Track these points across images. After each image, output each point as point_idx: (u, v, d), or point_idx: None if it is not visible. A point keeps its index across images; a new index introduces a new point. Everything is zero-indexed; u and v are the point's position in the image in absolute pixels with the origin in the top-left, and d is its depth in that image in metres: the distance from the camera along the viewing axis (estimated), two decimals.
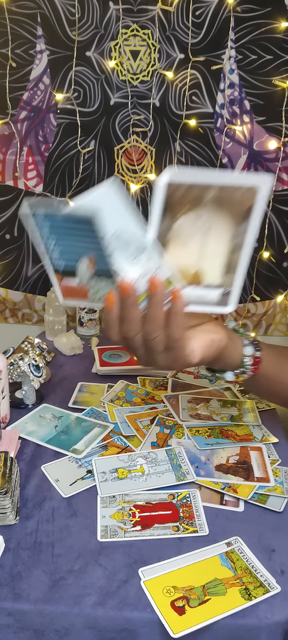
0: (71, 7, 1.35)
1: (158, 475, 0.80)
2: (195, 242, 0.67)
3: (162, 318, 0.66)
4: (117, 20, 1.35)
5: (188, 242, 0.67)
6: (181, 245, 0.67)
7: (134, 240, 0.63)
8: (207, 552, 0.67)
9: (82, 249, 0.65)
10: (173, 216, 0.65)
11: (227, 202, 0.64)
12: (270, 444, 0.88)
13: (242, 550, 0.67)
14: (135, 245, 0.63)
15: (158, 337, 0.67)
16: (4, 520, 0.71)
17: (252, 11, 1.32)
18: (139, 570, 0.64)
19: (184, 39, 1.35)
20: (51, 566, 0.65)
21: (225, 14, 1.33)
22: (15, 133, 1.43)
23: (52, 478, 0.81)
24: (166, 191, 0.63)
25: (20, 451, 0.87)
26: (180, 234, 0.66)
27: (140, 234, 0.63)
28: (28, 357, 1.04)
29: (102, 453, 0.86)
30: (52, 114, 1.42)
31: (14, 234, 1.50)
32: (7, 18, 1.35)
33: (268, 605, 0.60)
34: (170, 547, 0.68)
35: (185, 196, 0.64)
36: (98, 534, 0.70)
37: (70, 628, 0.60)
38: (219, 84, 1.38)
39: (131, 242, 0.63)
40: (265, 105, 1.38)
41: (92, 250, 0.64)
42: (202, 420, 0.95)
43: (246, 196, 0.64)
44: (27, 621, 0.60)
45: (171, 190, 0.63)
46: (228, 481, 0.79)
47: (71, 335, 1.31)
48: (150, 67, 1.37)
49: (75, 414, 0.98)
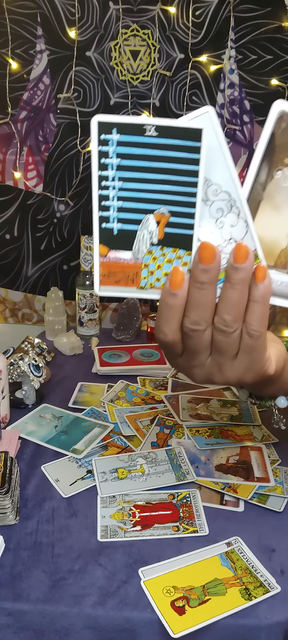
0: (71, 7, 1.35)
1: (158, 475, 0.80)
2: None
3: (245, 303, 0.51)
4: (117, 20, 1.35)
5: (281, 208, 0.53)
6: (272, 210, 0.53)
7: (221, 195, 0.49)
8: (207, 552, 0.67)
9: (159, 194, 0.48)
10: (274, 166, 0.52)
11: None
12: (270, 444, 0.88)
13: (242, 550, 0.67)
14: (222, 202, 0.49)
15: (236, 331, 0.51)
16: (4, 520, 0.71)
17: (252, 11, 1.32)
18: (139, 570, 0.64)
19: (184, 39, 1.35)
20: (51, 566, 0.65)
21: (225, 14, 1.33)
22: (15, 133, 1.43)
23: (52, 478, 0.81)
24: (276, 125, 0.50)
25: (20, 451, 0.87)
26: (276, 193, 0.52)
27: (230, 188, 0.49)
28: (28, 357, 1.04)
29: (102, 453, 0.86)
30: (52, 114, 1.42)
31: (14, 234, 1.50)
32: (7, 18, 1.35)
33: (268, 605, 0.60)
34: (170, 547, 0.68)
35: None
36: (98, 534, 0.70)
37: (70, 628, 0.60)
38: (219, 84, 1.38)
39: (217, 196, 0.49)
40: (265, 105, 1.38)
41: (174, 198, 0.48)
42: (202, 420, 0.95)
43: None
44: (27, 621, 0.60)
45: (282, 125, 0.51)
46: (228, 481, 0.79)
47: (71, 335, 1.31)
48: (150, 67, 1.37)
49: (75, 414, 0.98)
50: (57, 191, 1.47)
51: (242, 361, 0.53)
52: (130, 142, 0.47)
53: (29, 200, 1.47)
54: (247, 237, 0.50)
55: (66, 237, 1.49)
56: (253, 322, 0.51)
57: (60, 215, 1.48)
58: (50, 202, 1.47)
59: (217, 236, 0.50)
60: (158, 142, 0.46)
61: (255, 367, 0.54)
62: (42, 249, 1.51)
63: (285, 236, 0.53)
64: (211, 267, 0.48)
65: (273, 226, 0.53)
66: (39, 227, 1.49)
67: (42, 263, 1.52)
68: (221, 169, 0.48)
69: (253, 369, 0.54)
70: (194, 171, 0.46)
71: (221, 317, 0.50)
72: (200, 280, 0.49)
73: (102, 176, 0.49)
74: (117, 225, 0.51)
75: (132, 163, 0.48)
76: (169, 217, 0.49)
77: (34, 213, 1.48)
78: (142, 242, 0.51)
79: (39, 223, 1.49)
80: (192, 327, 0.51)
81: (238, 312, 0.50)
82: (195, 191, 0.47)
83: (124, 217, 0.50)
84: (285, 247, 0.53)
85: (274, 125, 0.50)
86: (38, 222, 1.49)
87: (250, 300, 0.50)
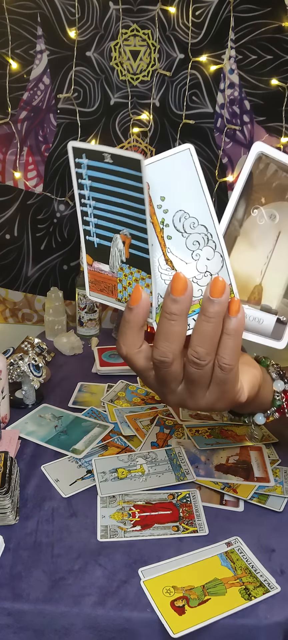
0: (71, 7, 1.35)
1: (158, 475, 0.80)
2: (264, 246, 0.54)
3: (218, 337, 0.51)
4: (117, 20, 1.35)
5: (257, 245, 0.54)
6: (248, 247, 0.54)
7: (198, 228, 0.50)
8: (206, 552, 0.67)
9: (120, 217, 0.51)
10: (251, 204, 0.53)
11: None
12: (270, 444, 0.88)
13: (242, 550, 0.67)
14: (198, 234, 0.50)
15: (209, 364, 0.52)
16: (4, 520, 0.71)
17: (252, 11, 1.32)
18: (138, 570, 0.64)
19: (184, 39, 1.35)
20: (51, 566, 0.65)
21: (225, 14, 1.33)
22: (15, 133, 1.43)
23: (52, 478, 0.81)
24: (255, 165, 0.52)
25: (20, 451, 0.87)
26: (252, 230, 0.54)
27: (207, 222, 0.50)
28: (28, 357, 1.04)
29: (102, 453, 0.86)
30: (52, 114, 1.42)
31: (14, 234, 1.50)
32: (7, 18, 1.35)
33: (268, 605, 0.60)
34: (170, 547, 0.68)
35: (270, 181, 0.53)
36: (98, 534, 0.70)
37: (70, 628, 0.60)
38: (219, 84, 1.38)
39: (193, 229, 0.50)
40: (265, 105, 1.38)
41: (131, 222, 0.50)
42: (202, 420, 0.95)
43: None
44: (27, 621, 0.60)
45: (260, 166, 0.52)
46: (228, 481, 0.79)
47: (71, 335, 1.31)
48: (150, 67, 1.37)
49: (75, 414, 0.98)
50: (57, 191, 1.47)
51: (213, 392, 0.54)
52: (96, 167, 0.50)
53: (29, 200, 1.47)
54: (222, 271, 0.51)
55: (66, 237, 1.49)
56: (225, 355, 0.51)
57: (60, 215, 1.48)
58: (50, 202, 1.47)
59: (192, 268, 0.51)
60: (113, 169, 0.48)
61: (226, 397, 0.54)
62: (42, 249, 1.51)
63: (258, 273, 0.54)
64: (182, 298, 0.49)
65: (248, 262, 0.54)
66: (39, 227, 1.49)
67: (42, 263, 1.52)
68: (199, 203, 0.49)
69: (225, 399, 0.54)
70: (141, 199, 0.47)
71: (194, 349, 0.51)
72: (170, 311, 0.50)
73: (80, 194, 0.52)
74: (96, 239, 0.54)
75: (99, 186, 0.50)
76: (130, 240, 0.51)
77: (34, 213, 1.48)
78: (114, 258, 0.53)
79: (39, 223, 1.49)
80: (159, 359, 0.52)
81: (211, 345, 0.51)
82: (144, 218, 0.48)
83: (100, 233, 0.53)
84: (258, 283, 0.55)
85: (252, 165, 0.52)
86: (38, 222, 1.49)
87: (224, 333, 0.51)
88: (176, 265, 0.51)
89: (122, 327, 0.53)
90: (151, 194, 0.49)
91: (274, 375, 0.67)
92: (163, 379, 0.54)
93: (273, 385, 0.67)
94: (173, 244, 0.50)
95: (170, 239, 0.50)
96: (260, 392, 0.62)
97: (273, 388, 0.67)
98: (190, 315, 0.52)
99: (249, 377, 0.58)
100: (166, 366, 0.52)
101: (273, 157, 0.52)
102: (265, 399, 0.66)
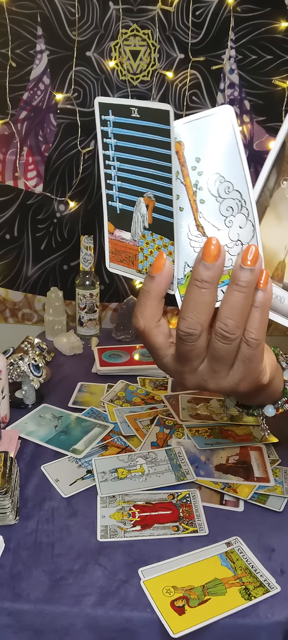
0: (71, 7, 1.35)
1: (158, 475, 0.80)
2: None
3: (248, 310, 0.48)
4: (117, 20, 1.35)
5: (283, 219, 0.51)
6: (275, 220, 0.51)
7: (232, 194, 0.47)
8: (206, 552, 0.67)
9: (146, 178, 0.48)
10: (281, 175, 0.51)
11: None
12: (270, 444, 0.88)
13: (242, 550, 0.67)
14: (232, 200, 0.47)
15: (237, 338, 0.49)
16: (4, 520, 0.71)
17: (252, 11, 1.32)
18: (138, 570, 0.64)
19: (184, 39, 1.35)
20: (51, 566, 0.65)
21: (225, 14, 1.33)
22: (15, 133, 1.43)
23: (52, 478, 0.81)
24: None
25: (20, 451, 0.87)
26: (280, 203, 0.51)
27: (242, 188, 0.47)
28: (28, 357, 1.04)
29: (102, 453, 0.86)
30: (52, 114, 1.42)
31: (14, 234, 1.50)
32: (7, 18, 1.35)
33: (268, 605, 0.60)
34: (170, 547, 0.68)
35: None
36: (98, 533, 0.70)
37: (70, 628, 0.60)
38: (219, 84, 1.38)
39: (228, 194, 0.47)
40: (265, 105, 1.38)
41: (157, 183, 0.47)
42: (202, 420, 0.95)
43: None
44: (27, 621, 0.60)
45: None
46: (228, 481, 0.79)
47: (71, 335, 1.31)
48: (150, 67, 1.37)
49: (75, 414, 0.98)
50: (57, 191, 1.47)
51: (238, 370, 0.51)
52: (122, 123, 0.47)
53: (29, 200, 1.47)
54: (252, 241, 0.48)
55: (66, 237, 1.49)
56: (253, 329, 0.48)
57: (60, 215, 1.48)
58: (50, 202, 1.47)
59: (224, 235, 0.48)
60: (140, 124, 0.46)
61: (251, 377, 0.52)
62: (42, 249, 1.51)
63: (283, 248, 0.52)
64: (215, 265, 0.46)
65: (274, 236, 0.52)
66: (39, 227, 1.49)
67: (42, 263, 1.52)
68: (235, 167, 0.46)
69: (249, 378, 0.52)
70: (169, 156, 0.44)
71: (223, 321, 0.48)
72: (201, 278, 0.47)
73: (105, 155, 0.49)
74: (119, 204, 0.51)
75: (125, 144, 0.47)
76: (155, 202, 0.48)
77: (34, 213, 1.48)
78: (137, 224, 0.50)
79: (39, 223, 1.49)
80: (186, 330, 0.48)
81: (241, 318, 0.48)
82: (171, 177, 0.45)
83: (123, 197, 0.50)
84: (283, 259, 0.52)
85: (286, 135, 0.49)
86: (38, 222, 1.49)
87: (252, 306, 0.48)
88: (208, 231, 0.48)
89: (141, 298, 0.49)
90: (186, 155, 0.46)
91: (284, 365, 0.64)
92: (186, 355, 0.50)
93: (284, 374, 0.63)
94: (207, 209, 0.47)
95: (203, 203, 0.47)
96: (274, 380, 0.59)
97: (283, 377, 0.63)
98: (219, 287, 0.48)
99: (269, 360, 0.55)
100: (193, 339, 0.48)
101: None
102: (276, 388, 0.62)
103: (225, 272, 0.48)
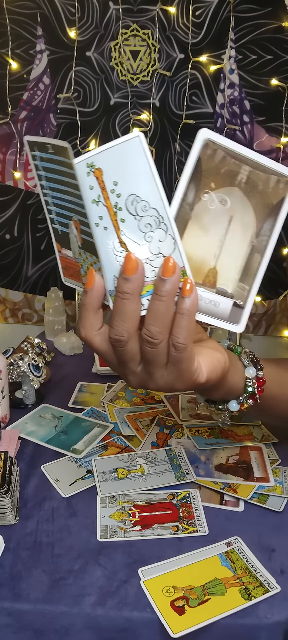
0: (71, 7, 1.35)
1: (158, 475, 0.80)
2: (217, 230, 0.55)
3: (171, 316, 0.53)
4: (117, 20, 1.35)
5: (209, 228, 0.55)
6: (200, 230, 0.55)
7: (150, 211, 0.52)
8: (206, 552, 0.67)
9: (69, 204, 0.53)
10: (201, 189, 0.54)
11: (259, 189, 0.55)
12: (270, 444, 0.88)
13: (242, 550, 0.67)
14: (150, 217, 0.52)
15: (163, 343, 0.53)
16: (3, 520, 0.71)
17: (252, 11, 1.32)
18: (138, 570, 0.64)
19: (184, 39, 1.35)
20: (51, 566, 0.65)
21: (225, 14, 1.33)
22: (15, 133, 1.43)
23: (52, 478, 0.81)
24: (202, 151, 0.53)
25: (20, 451, 0.87)
26: (203, 214, 0.55)
27: (158, 205, 0.52)
28: (28, 357, 1.04)
29: (101, 453, 0.86)
30: (52, 114, 1.42)
31: (14, 234, 1.50)
32: (7, 18, 1.35)
33: (268, 605, 0.60)
34: (170, 547, 0.68)
35: (219, 167, 0.54)
36: (98, 533, 0.70)
37: (70, 628, 0.60)
38: (219, 84, 1.38)
39: (145, 212, 0.52)
40: (265, 105, 1.38)
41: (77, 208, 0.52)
42: (202, 420, 0.95)
43: (280, 187, 0.55)
44: (27, 621, 0.60)
45: (207, 152, 0.53)
46: (228, 481, 0.79)
47: (71, 335, 1.31)
48: (150, 67, 1.38)
49: (75, 414, 0.98)
50: None
51: (171, 371, 0.55)
52: (46, 158, 0.52)
53: (29, 200, 1.47)
54: (175, 253, 0.53)
55: None
56: (178, 335, 0.53)
57: None
58: None
59: (145, 250, 0.52)
60: (56, 158, 0.51)
61: (184, 377, 0.56)
62: (42, 249, 1.51)
63: (212, 256, 0.56)
64: (133, 277, 0.51)
65: (201, 245, 0.55)
66: (39, 227, 1.49)
67: (42, 263, 1.52)
68: (149, 187, 0.51)
69: (183, 378, 0.56)
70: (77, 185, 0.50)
71: (147, 327, 0.53)
72: (122, 290, 0.52)
73: (41, 185, 0.55)
74: (58, 226, 0.56)
75: (51, 175, 0.53)
76: (80, 225, 0.53)
77: (34, 213, 1.48)
78: (73, 244, 0.55)
79: (39, 223, 1.49)
80: (114, 337, 0.54)
81: (163, 324, 0.53)
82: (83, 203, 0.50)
83: (60, 220, 0.56)
84: (213, 266, 0.56)
85: (200, 152, 0.53)
86: (38, 222, 1.49)
87: (177, 313, 0.53)
88: (130, 247, 0.52)
89: (80, 311, 0.55)
90: (104, 180, 0.51)
91: (246, 362, 0.69)
92: (121, 358, 0.55)
93: (245, 371, 0.68)
94: (127, 227, 0.52)
95: (123, 222, 0.52)
96: (228, 377, 0.64)
97: (244, 374, 0.68)
98: (145, 296, 0.53)
99: (209, 360, 0.59)
100: (122, 345, 0.54)
101: (220, 144, 0.53)
102: (236, 385, 0.67)
103: (149, 283, 0.53)
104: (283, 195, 0.56)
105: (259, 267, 0.57)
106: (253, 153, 0.55)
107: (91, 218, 0.51)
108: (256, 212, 0.56)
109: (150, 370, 0.56)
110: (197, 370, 0.57)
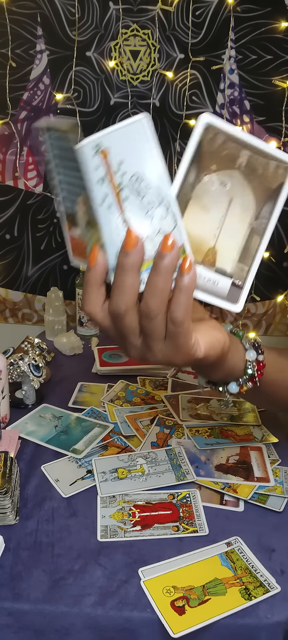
0: (71, 7, 1.35)
1: (158, 475, 0.80)
2: (217, 210, 0.57)
3: (169, 292, 0.54)
4: (117, 20, 1.35)
5: (210, 209, 0.57)
6: (201, 210, 0.57)
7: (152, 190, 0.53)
8: (207, 552, 0.67)
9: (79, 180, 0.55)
10: (202, 171, 0.56)
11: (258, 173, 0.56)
12: (270, 444, 0.88)
13: (242, 550, 0.67)
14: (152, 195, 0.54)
15: (160, 317, 0.55)
16: (4, 520, 0.71)
17: (252, 11, 1.32)
18: (138, 570, 0.64)
19: (184, 39, 1.35)
20: (51, 566, 0.65)
21: (225, 14, 1.33)
22: (15, 133, 1.43)
23: (52, 478, 0.81)
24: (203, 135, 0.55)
25: (20, 451, 0.87)
26: (204, 195, 0.56)
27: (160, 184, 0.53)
28: (28, 357, 1.04)
29: (102, 453, 0.86)
30: (52, 114, 1.42)
31: (14, 234, 1.50)
32: (7, 18, 1.35)
33: (268, 605, 0.60)
34: (170, 547, 0.68)
35: (219, 150, 0.56)
36: (98, 534, 0.70)
37: (70, 628, 0.60)
38: (219, 84, 1.38)
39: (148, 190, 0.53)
40: (265, 105, 1.38)
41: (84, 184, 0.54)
42: (202, 420, 0.95)
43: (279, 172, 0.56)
44: (27, 621, 0.60)
45: (208, 136, 0.55)
46: (228, 481, 0.79)
47: (71, 335, 1.31)
48: (150, 67, 1.38)
49: (75, 414, 0.98)
50: None
51: (169, 345, 0.57)
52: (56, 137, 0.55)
53: (29, 200, 1.47)
54: (175, 231, 0.54)
55: None
56: (176, 310, 0.54)
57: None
58: (50, 202, 1.47)
59: (147, 227, 0.54)
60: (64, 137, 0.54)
61: (182, 351, 0.57)
62: (42, 249, 1.51)
63: (212, 236, 0.57)
64: (133, 252, 0.53)
65: (201, 224, 0.57)
66: (39, 227, 1.49)
67: (42, 263, 1.52)
68: (152, 167, 0.53)
69: (181, 352, 0.57)
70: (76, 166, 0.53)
71: (145, 301, 0.54)
72: (122, 264, 0.53)
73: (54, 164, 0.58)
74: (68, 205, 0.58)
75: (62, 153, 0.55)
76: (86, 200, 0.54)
77: (34, 213, 1.48)
78: (81, 221, 0.57)
79: (39, 223, 1.49)
80: (113, 310, 0.55)
81: (161, 299, 0.54)
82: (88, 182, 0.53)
83: (70, 198, 0.57)
84: (212, 246, 0.57)
85: (201, 135, 0.55)
86: (38, 222, 1.49)
87: (176, 289, 0.54)
88: (132, 224, 0.54)
89: (83, 287, 0.57)
90: (110, 160, 0.53)
91: (247, 345, 0.70)
92: (121, 332, 0.57)
93: (246, 354, 0.70)
94: (130, 205, 0.54)
95: (126, 200, 0.53)
96: (228, 358, 0.66)
97: (245, 357, 0.70)
98: (145, 271, 0.55)
99: (208, 337, 0.61)
100: (120, 318, 0.55)
101: (220, 128, 0.55)
102: (236, 366, 0.69)
103: (150, 259, 0.55)
104: (282, 180, 0.57)
105: (258, 249, 0.58)
106: (254, 138, 0.56)
107: (96, 197, 0.53)
108: (255, 195, 0.57)
109: (149, 344, 0.57)
110: (194, 345, 0.58)
